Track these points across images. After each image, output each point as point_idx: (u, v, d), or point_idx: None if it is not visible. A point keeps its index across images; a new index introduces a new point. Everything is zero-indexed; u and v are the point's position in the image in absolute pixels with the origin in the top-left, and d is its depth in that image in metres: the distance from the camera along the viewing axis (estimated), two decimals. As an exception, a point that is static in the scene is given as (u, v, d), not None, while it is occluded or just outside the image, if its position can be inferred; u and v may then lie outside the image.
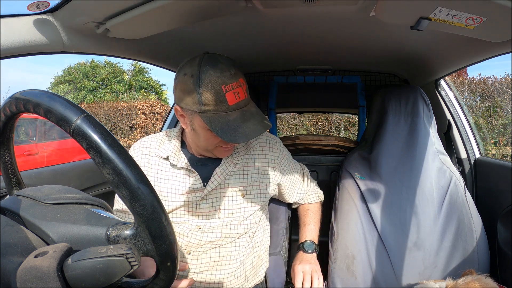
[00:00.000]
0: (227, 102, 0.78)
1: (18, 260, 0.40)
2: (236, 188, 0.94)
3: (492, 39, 0.85)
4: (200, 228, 0.92)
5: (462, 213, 1.11)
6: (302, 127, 7.72)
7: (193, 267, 0.92)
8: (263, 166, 0.99)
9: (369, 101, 1.71)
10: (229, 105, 0.79)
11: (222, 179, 0.92)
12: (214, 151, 0.90)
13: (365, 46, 1.30)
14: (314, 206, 1.16)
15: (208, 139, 0.86)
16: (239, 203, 0.94)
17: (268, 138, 1.04)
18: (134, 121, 8.91)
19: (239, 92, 0.80)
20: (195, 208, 0.92)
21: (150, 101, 9.68)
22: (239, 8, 0.85)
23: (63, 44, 0.86)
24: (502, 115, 6.52)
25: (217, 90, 0.77)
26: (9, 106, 0.48)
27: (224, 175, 0.93)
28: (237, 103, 0.80)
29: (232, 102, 0.79)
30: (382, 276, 1.05)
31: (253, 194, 0.97)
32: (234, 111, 0.80)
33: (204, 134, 0.85)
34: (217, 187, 0.92)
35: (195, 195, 0.91)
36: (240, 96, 0.81)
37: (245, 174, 0.97)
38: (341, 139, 1.60)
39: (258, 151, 1.00)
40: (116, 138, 0.43)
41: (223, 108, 0.79)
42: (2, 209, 0.48)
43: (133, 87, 12.62)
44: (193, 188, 0.91)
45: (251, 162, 0.98)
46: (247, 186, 0.96)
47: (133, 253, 0.42)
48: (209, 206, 0.92)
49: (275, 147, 1.03)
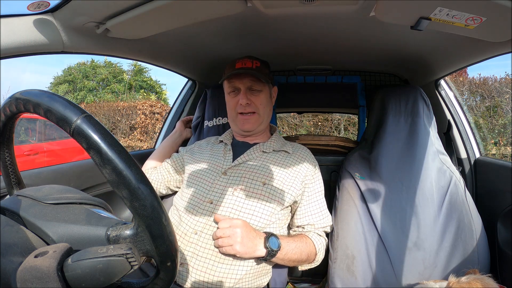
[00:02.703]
0: (234, 66, 1.08)
1: (18, 260, 0.40)
2: (258, 173, 1.01)
3: (492, 39, 0.85)
4: (212, 203, 0.96)
5: (462, 213, 1.11)
6: (302, 127, 7.72)
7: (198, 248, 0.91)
8: (292, 169, 1.05)
9: (369, 101, 1.71)
10: (235, 67, 1.07)
11: (248, 159, 1.06)
12: (237, 121, 1.11)
13: (365, 46, 1.30)
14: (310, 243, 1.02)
15: (228, 103, 1.12)
16: (257, 187, 0.98)
17: (307, 154, 1.13)
18: (134, 121, 8.90)
19: (246, 62, 1.08)
20: (214, 179, 1.02)
21: (150, 101, 9.68)
22: (239, 8, 0.85)
23: (63, 44, 0.86)
24: (502, 115, 6.51)
25: (233, 62, 1.10)
26: (9, 106, 0.48)
27: (250, 157, 1.06)
28: (241, 67, 1.06)
29: (238, 66, 1.07)
30: (382, 276, 1.05)
31: (274, 187, 0.99)
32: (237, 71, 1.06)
33: (227, 99, 1.13)
34: (240, 164, 1.04)
35: (221, 166, 1.05)
36: (246, 64, 1.07)
37: (271, 165, 1.04)
38: (341, 139, 1.59)
39: (291, 157, 1.09)
40: (116, 138, 0.43)
41: (231, 70, 1.07)
42: (2, 209, 0.48)
43: (133, 87, 12.62)
44: (223, 161, 1.06)
45: (280, 160, 1.07)
46: (270, 176, 1.01)
47: (133, 253, 0.42)
48: (228, 181, 1.00)
49: (312, 164, 1.10)
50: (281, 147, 1.12)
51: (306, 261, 1.02)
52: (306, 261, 1.02)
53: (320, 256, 1.04)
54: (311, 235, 1.04)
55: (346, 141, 1.59)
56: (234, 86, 1.09)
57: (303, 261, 1.00)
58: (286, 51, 1.43)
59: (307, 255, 0.99)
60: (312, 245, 1.02)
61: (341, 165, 1.35)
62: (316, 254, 1.02)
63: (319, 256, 1.04)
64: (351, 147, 1.56)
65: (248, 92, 1.08)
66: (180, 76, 1.65)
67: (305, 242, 1.00)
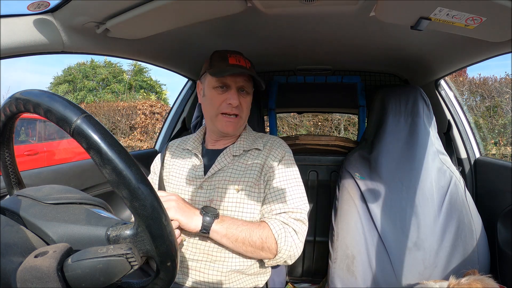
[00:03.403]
0: (227, 61, 0.97)
1: (18, 260, 0.40)
2: (231, 180, 0.96)
3: (492, 39, 0.85)
4: None
5: (462, 213, 1.11)
6: (302, 127, 7.72)
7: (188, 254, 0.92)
8: (260, 165, 0.99)
9: (369, 101, 1.71)
10: (228, 63, 0.97)
11: (220, 168, 0.99)
12: (217, 121, 1.00)
13: (365, 46, 1.30)
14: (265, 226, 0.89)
15: (212, 99, 0.99)
16: (232, 195, 0.95)
17: (277, 144, 1.04)
18: (134, 121, 8.91)
19: (240, 60, 0.99)
20: (194, 196, 0.97)
21: (150, 101, 9.68)
22: (239, 8, 0.85)
23: (63, 44, 0.86)
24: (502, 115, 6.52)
25: (223, 55, 1.00)
26: (9, 106, 0.48)
27: (222, 164, 0.99)
28: (236, 64, 0.97)
29: (231, 62, 0.97)
30: (382, 276, 1.05)
31: (246, 191, 0.95)
32: (232, 66, 0.96)
33: (210, 94, 1.00)
34: (214, 175, 0.98)
35: (195, 180, 0.99)
36: (241, 62, 0.98)
37: (241, 169, 0.98)
38: (341, 139, 1.59)
39: (260, 153, 1.01)
40: (116, 138, 0.43)
41: (223, 64, 0.97)
42: (2, 209, 0.48)
43: (133, 87, 12.62)
44: (195, 174, 1.00)
45: (250, 159, 1.00)
46: (242, 180, 0.96)
47: (133, 253, 0.42)
48: (205, 195, 0.96)
49: (279, 154, 1.00)
50: (252, 145, 1.03)
51: (263, 249, 0.87)
52: (262, 249, 0.87)
53: (284, 247, 0.87)
54: (270, 221, 0.90)
55: (346, 141, 1.59)
56: (223, 82, 0.98)
57: (258, 246, 0.87)
58: (286, 51, 1.43)
59: (260, 238, 0.86)
60: (268, 229, 0.88)
61: (341, 165, 1.35)
62: (276, 243, 0.87)
63: (282, 247, 0.87)
64: (351, 147, 1.56)
65: (238, 92, 0.99)
66: (180, 76, 1.66)
67: (258, 224, 0.89)
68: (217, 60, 1.00)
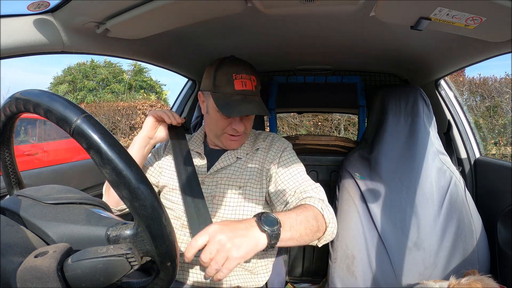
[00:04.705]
0: (233, 87, 0.93)
1: (18, 260, 0.40)
2: (233, 178, 0.99)
3: (492, 39, 0.85)
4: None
5: (462, 213, 1.11)
6: (302, 127, 7.72)
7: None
8: (262, 164, 1.01)
9: (369, 101, 1.71)
10: (235, 89, 0.93)
11: (222, 166, 1.01)
12: (222, 138, 1.01)
13: (365, 46, 1.30)
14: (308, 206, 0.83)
15: (217, 121, 0.98)
16: (235, 193, 0.97)
17: (276, 141, 1.06)
18: (134, 121, 8.90)
19: (246, 82, 0.94)
20: None
21: (150, 101, 9.68)
22: (239, 8, 0.85)
23: (63, 44, 0.86)
24: (502, 115, 6.52)
25: (229, 76, 0.94)
26: (9, 106, 0.48)
27: (225, 163, 1.01)
28: (242, 90, 0.94)
29: (237, 88, 0.93)
30: (382, 276, 1.05)
31: (249, 188, 0.97)
32: (239, 95, 0.93)
33: (215, 116, 0.98)
34: (216, 172, 1.00)
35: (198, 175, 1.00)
36: (247, 86, 0.94)
37: (245, 168, 1.00)
38: (341, 139, 1.60)
39: (261, 152, 1.03)
40: (116, 138, 0.43)
41: (229, 90, 0.93)
42: (2, 209, 0.48)
43: (133, 87, 12.61)
44: (198, 171, 1.01)
45: (253, 159, 1.02)
46: (245, 179, 0.98)
47: (133, 253, 0.42)
48: (207, 191, 0.98)
49: (279, 149, 1.02)
50: (253, 146, 1.05)
51: (318, 229, 0.80)
52: (318, 229, 0.80)
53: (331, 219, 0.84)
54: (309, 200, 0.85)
55: (346, 141, 1.59)
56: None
57: (315, 229, 0.78)
58: (286, 51, 1.43)
59: (315, 219, 0.79)
60: (313, 207, 0.82)
61: (341, 165, 1.35)
62: (324, 218, 0.83)
63: (330, 219, 0.84)
64: (351, 147, 1.56)
65: (244, 117, 0.98)
66: (180, 76, 1.66)
67: (304, 208, 0.81)
68: (222, 80, 0.93)
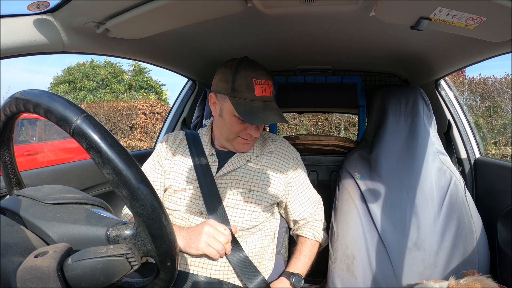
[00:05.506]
0: (254, 92, 0.92)
1: (18, 260, 0.40)
2: (243, 181, 1.00)
3: (492, 39, 0.85)
4: (202, 214, 0.96)
5: (462, 213, 1.11)
6: (302, 127, 7.72)
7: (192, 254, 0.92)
8: (275, 170, 1.04)
9: (369, 101, 1.71)
10: (255, 95, 0.92)
11: (232, 169, 1.01)
12: (234, 142, 1.00)
13: (365, 46, 1.30)
14: (312, 243, 1.10)
15: (232, 126, 0.97)
16: (244, 196, 0.98)
17: (287, 147, 1.10)
18: (134, 121, 8.91)
19: (265, 88, 0.94)
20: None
21: (150, 101, 9.68)
22: (239, 8, 0.85)
23: (63, 44, 0.86)
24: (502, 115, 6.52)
25: (249, 80, 0.92)
26: (9, 106, 0.48)
27: (235, 166, 1.01)
28: (262, 96, 0.93)
29: (258, 94, 0.92)
30: (382, 276, 1.05)
31: (259, 192, 1.00)
32: (258, 101, 0.93)
33: (229, 120, 0.96)
34: (226, 175, 1.01)
35: None
36: (266, 92, 0.94)
37: (255, 171, 1.02)
38: (341, 139, 1.59)
39: (273, 156, 1.06)
40: (116, 138, 0.43)
41: (250, 96, 0.92)
42: (2, 209, 0.48)
43: (133, 87, 12.61)
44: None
45: (264, 162, 1.04)
46: (255, 182, 1.00)
47: (133, 253, 0.42)
48: None
49: (293, 158, 1.08)
50: (262, 148, 1.08)
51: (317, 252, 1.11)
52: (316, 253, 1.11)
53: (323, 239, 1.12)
54: (304, 232, 1.10)
55: (346, 141, 1.59)
56: None
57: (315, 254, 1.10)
58: (286, 51, 1.43)
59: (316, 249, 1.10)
60: (310, 240, 1.10)
61: (341, 165, 1.35)
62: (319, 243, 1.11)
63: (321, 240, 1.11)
64: (351, 147, 1.56)
65: None
66: (180, 76, 1.66)
67: (304, 245, 1.08)
68: (241, 85, 0.92)
